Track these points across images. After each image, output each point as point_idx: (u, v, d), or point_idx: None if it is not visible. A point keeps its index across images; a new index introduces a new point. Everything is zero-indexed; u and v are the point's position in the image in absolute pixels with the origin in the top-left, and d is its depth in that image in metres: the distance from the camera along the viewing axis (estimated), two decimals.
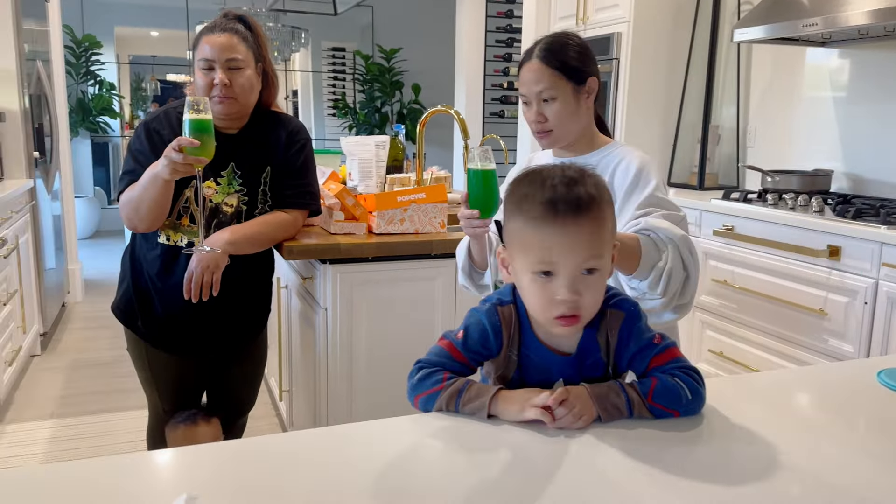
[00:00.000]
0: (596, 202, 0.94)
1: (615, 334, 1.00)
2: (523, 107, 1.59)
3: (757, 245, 2.86)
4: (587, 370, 1.01)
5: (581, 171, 0.98)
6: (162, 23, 8.92)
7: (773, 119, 3.59)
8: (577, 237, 0.92)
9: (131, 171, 1.86)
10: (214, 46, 1.80)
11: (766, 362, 2.85)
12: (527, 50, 1.56)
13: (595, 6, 3.93)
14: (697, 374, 0.98)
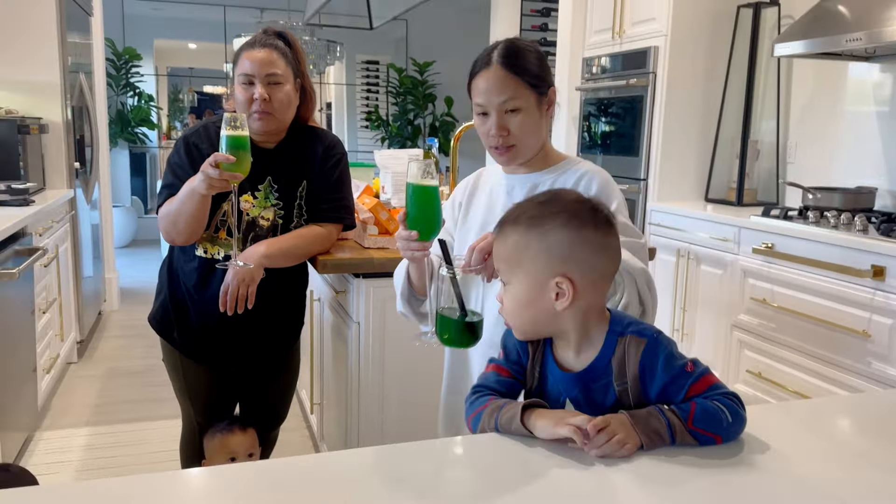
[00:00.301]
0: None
1: (635, 361, 0.97)
2: (478, 119, 1.42)
3: (797, 264, 2.80)
4: (594, 392, 0.99)
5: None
6: (200, 36, 9.08)
7: (815, 134, 3.52)
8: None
9: (170, 184, 1.88)
10: (254, 62, 1.82)
11: (806, 384, 2.78)
12: (482, 56, 1.40)
13: (632, 20, 3.90)
14: (736, 398, 0.95)
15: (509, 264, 1.01)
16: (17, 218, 2.68)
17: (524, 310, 1.00)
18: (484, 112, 1.39)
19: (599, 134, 4.26)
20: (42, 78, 3.79)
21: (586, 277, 0.97)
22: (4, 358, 2.44)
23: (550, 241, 0.97)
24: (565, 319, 0.99)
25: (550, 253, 0.97)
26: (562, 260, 0.97)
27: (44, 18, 3.75)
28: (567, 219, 0.98)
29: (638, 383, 0.97)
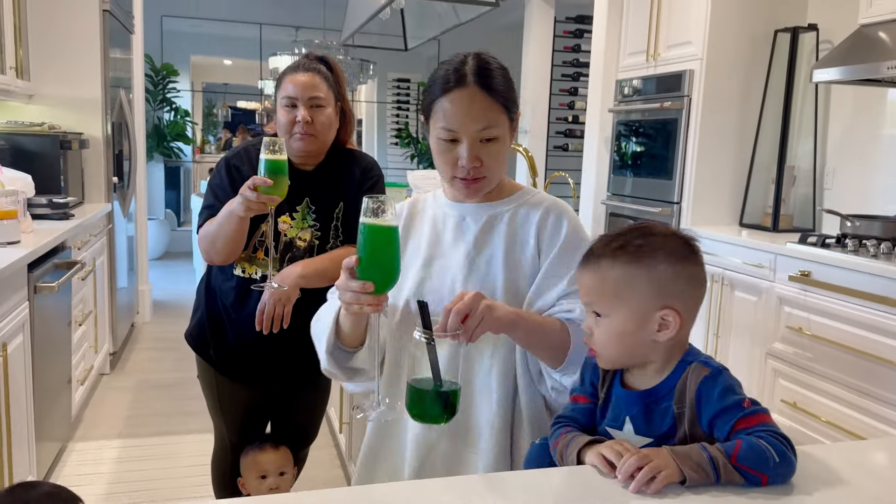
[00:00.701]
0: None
1: (694, 387, 0.97)
2: (441, 144, 1.22)
3: (835, 292, 2.75)
4: (654, 413, 0.99)
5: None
6: (235, 53, 9.24)
7: (853, 161, 3.47)
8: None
9: (210, 205, 1.92)
10: (298, 85, 1.85)
11: (842, 415, 2.72)
12: (450, 72, 1.22)
13: (666, 43, 3.89)
14: (786, 440, 0.92)
15: (608, 298, 1.01)
16: (58, 232, 2.73)
17: (621, 341, 1.01)
18: (454, 139, 1.20)
19: (630, 155, 4.24)
20: (84, 94, 3.88)
21: (688, 309, 1.00)
22: (42, 369, 2.49)
23: (657, 275, 0.99)
24: (658, 349, 1.01)
25: (657, 286, 0.99)
26: (668, 293, 0.99)
27: (88, 36, 3.85)
28: (670, 252, 1.00)
29: (693, 409, 0.97)
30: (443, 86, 1.21)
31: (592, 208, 4.70)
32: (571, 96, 6.80)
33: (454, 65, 1.23)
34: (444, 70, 1.23)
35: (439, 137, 1.22)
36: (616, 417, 1.03)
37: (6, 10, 3.26)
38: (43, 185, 3.23)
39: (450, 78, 1.21)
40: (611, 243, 1.03)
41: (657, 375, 1.02)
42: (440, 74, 1.24)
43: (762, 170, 3.73)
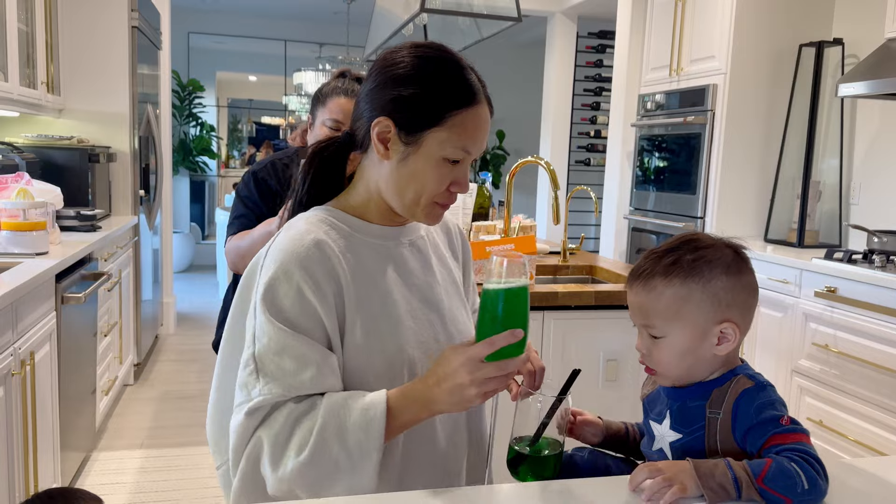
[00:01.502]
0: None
1: (734, 396, 0.96)
2: (445, 165, 1.03)
3: (862, 309, 2.71)
4: (689, 409, 0.99)
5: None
6: (260, 69, 9.36)
7: (880, 176, 3.42)
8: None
9: (242, 215, 1.95)
10: (348, 111, 1.84)
11: (869, 434, 2.67)
12: (474, 80, 1.04)
13: (690, 57, 3.88)
14: (819, 466, 0.89)
15: (666, 318, 0.98)
16: (85, 244, 2.78)
17: (683, 359, 0.99)
18: (458, 160, 1.03)
19: (653, 170, 4.23)
20: (113, 109, 3.95)
21: (745, 319, 1.00)
22: (68, 379, 2.52)
23: (715, 289, 0.97)
24: (718, 362, 1.00)
25: (715, 300, 0.97)
26: (726, 306, 0.97)
27: (116, 52, 3.92)
28: (725, 265, 0.98)
29: (729, 418, 0.95)
30: (467, 96, 1.02)
31: (615, 223, 4.68)
32: (593, 111, 6.80)
33: (467, 70, 1.04)
34: (465, 74, 1.03)
35: (447, 157, 1.02)
36: (660, 412, 1.04)
37: (39, 26, 3.34)
38: (71, 198, 3.28)
39: (475, 88, 1.03)
40: (661, 259, 0.99)
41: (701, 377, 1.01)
42: (461, 77, 1.02)
43: (787, 185, 3.70)
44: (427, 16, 3.66)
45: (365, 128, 1.06)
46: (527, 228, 2.86)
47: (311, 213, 1.08)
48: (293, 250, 1.00)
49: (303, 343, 0.97)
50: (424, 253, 1.15)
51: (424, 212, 1.07)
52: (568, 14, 5.66)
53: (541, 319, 2.16)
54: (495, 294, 0.95)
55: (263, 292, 0.98)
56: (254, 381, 0.96)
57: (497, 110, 4.30)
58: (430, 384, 0.97)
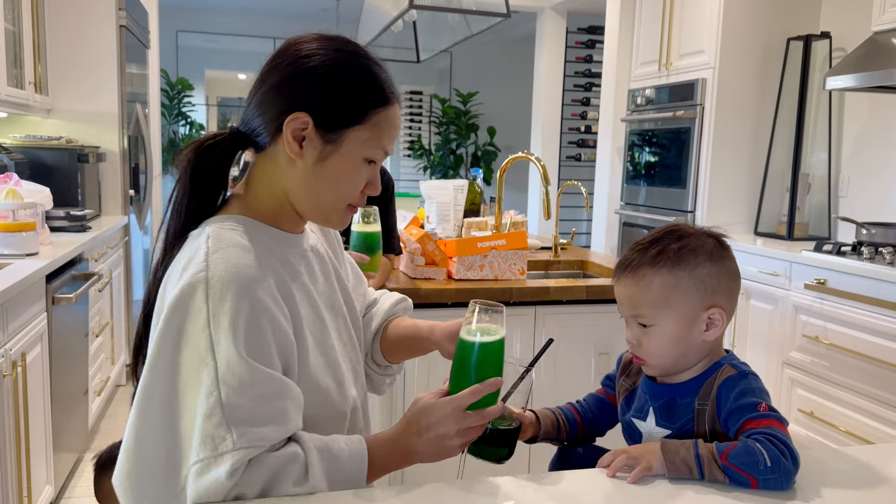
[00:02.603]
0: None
1: (717, 385, 0.99)
2: (365, 165, 0.98)
3: (852, 300, 2.73)
4: (678, 406, 1.01)
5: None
6: (250, 67, 9.29)
7: (868, 168, 3.45)
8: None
9: None
10: None
11: (859, 424, 2.69)
12: (391, 83, 0.99)
13: (679, 52, 3.89)
14: (784, 447, 0.90)
15: (655, 307, 1.00)
16: (76, 244, 2.76)
17: (674, 347, 1.01)
18: (376, 160, 0.99)
19: (644, 165, 4.24)
20: (101, 108, 3.93)
21: (730, 304, 1.02)
22: (60, 380, 2.51)
23: (701, 276, 1.00)
24: (703, 350, 1.02)
25: (702, 287, 1.00)
26: (712, 292, 1.00)
27: (105, 51, 3.90)
28: (708, 252, 1.00)
29: (714, 406, 0.98)
30: (387, 94, 0.98)
31: (606, 217, 4.69)
32: (584, 106, 6.81)
33: (384, 68, 0.99)
34: (383, 71, 0.99)
35: (368, 157, 0.97)
36: (641, 408, 1.05)
37: (25, 26, 3.31)
38: (61, 198, 3.26)
39: (393, 87, 0.99)
40: (647, 250, 1.01)
41: (689, 373, 1.03)
42: (382, 75, 0.98)
43: (776, 178, 3.72)
44: (416, 12, 3.66)
45: (271, 124, 0.95)
46: (518, 224, 2.87)
47: (228, 225, 0.94)
48: (245, 273, 0.88)
49: (276, 382, 0.87)
50: (322, 256, 1.09)
51: (339, 216, 1.01)
52: (557, 9, 5.67)
53: (532, 314, 2.17)
54: (473, 346, 0.97)
55: (230, 326, 0.84)
56: (223, 432, 0.82)
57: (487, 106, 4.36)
58: (412, 433, 0.95)
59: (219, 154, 0.98)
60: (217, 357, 0.84)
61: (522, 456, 2.04)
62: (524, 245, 2.25)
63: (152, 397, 0.87)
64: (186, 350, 0.85)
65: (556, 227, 2.80)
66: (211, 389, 0.83)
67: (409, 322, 1.25)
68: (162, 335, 0.86)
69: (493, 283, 2.16)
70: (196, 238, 0.94)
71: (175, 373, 0.86)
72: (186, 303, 0.86)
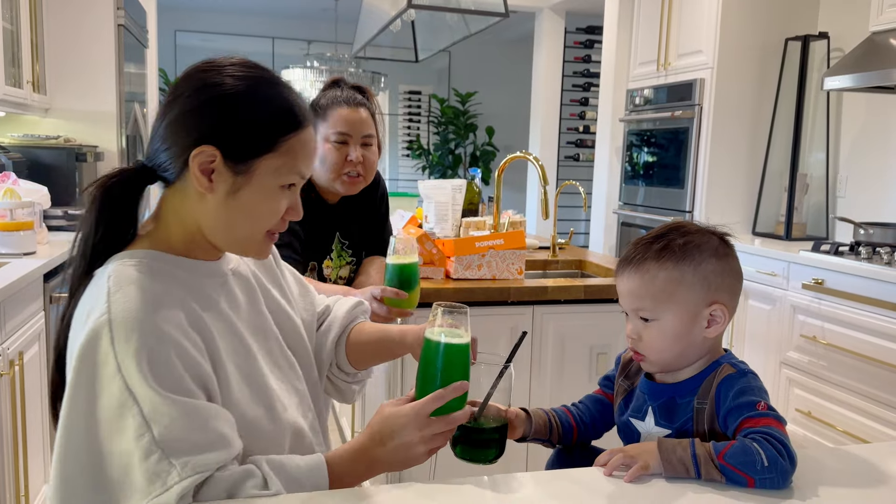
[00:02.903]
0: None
1: (716, 384, 0.99)
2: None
3: (849, 300, 2.73)
4: (678, 406, 1.01)
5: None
6: None
7: (866, 168, 3.45)
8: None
9: (286, 243, 1.71)
10: (354, 122, 1.75)
11: (857, 424, 2.69)
12: (302, 106, 0.98)
13: (677, 52, 3.89)
14: (782, 446, 0.90)
15: (659, 301, 1.01)
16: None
17: (675, 343, 1.01)
18: (293, 184, 0.98)
19: (642, 165, 4.24)
20: (99, 108, 3.93)
21: (732, 302, 1.03)
22: None
23: (705, 272, 1.00)
24: (703, 348, 1.02)
25: (706, 283, 1.00)
26: (716, 289, 1.00)
27: (103, 51, 3.90)
28: (713, 249, 1.01)
29: (713, 405, 0.99)
30: (298, 118, 0.98)
31: (604, 217, 4.70)
32: (582, 106, 6.82)
33: (294, 91, 1.00)
34: (293, 95, 0.99)
35: (283, 184, 0.96)
36: (639, 409, 1.05)
37: (23, 25, 3.31)
38: (58, 197, 3.26)
39: (304, 110, 0.99)
40: (652, 245, 1.02)
41: (688, 372, 1.03)
42: (292, 99, 0.98)
43: (774, 178, 3.72)
44: (414, 12, 3.66)
45: (177, 158, 0.92)
46: (516, 224, 2.87)
47: (130, 262, 0.90)
48: (146, 310, 0.85)
49: (204, 409, 0.85)
50: (245, 277, 1.05)
51: (258, 247, 0.98)
52: (556, 9, 5.67)
53: (531, 314, 2.17)
54: (437, 347, 0.95)
55: (139, 366, 0.81)
56: (167, 466, 0.80)
57: (486, 106, 4.35)
58: (375, 443, 0.94)
59: (126, 190, 0.94)
60: (138, 400, 0.81)
61: (519, 455, 2.04)
62: (522, 245, 2.25)
63: (71, 449, 0.83)
64: (103, 397, 0.82)
65: (554, 227, 2.80)
66: (141, 431, 0.80)
67: (376, 327, 1.24)
68: (74, 387, 0.83)
69: (490, 283, 2.16)
70: (99, 278, 0.90)
71: (93, 422, 0.82)
72: (94, 350, 0.83)
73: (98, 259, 0.93)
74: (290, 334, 1.11)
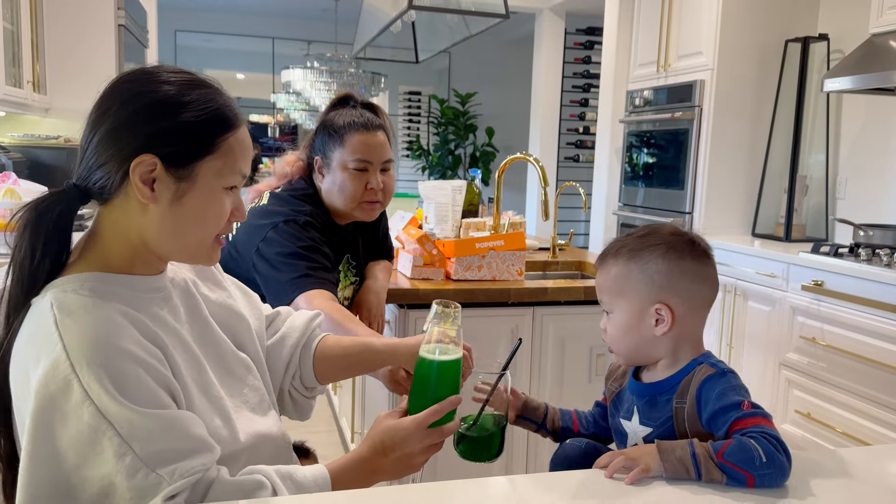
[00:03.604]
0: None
1: (696, 385, 1.01)
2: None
3: (849, 302, 2.73)
4: (658, 403, 1.04)
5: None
6: (248, 66, 9.32)
7: (866, 170, 3.45)
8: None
9: (320, 266, 1.59)
10: (374, 148, 1.68)
11: (857, 426, 2.69)
12: (234, 105, 0.98)
13: (677, 53, 3.90)
14: (778, 442, 0.92)
15: (612, 294, 1.07)
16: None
17: (626, 336, 1.07)
18: (235, 185, 0.97)
19: (642, 166, 4.24)
20: None
21: (685, 304, 1.04)
22: None
23: (651, 272, 1.04)
24: (662, 345, 1.05)
25: (651, 282, 1.04)
26: (661, 288, 1.04)
27: (103, 51, 3.90)
28: (665, 250, 1.04)
29: (694, 406, 1.00)
30: (232, 117, 0.98)
31: (604, 218, 4.70)
32: (582, 107, 6.82)
33: (223, 91, 0.99)
34: (224, 95, 0.98)
35: (226, 185, 0.95)
36: (629, 409, 1.08)
37: (24, 25, 3.31)
38: None
39: (236, 108, 1.00)
40: (616, 243, 1.08)
41: (667, 371, 1.06)
42: (224, 99, 0.97)
43: (774, 179, 3.72)
44: (415, 13, 3.66)
45: (115, 172, 0.89)
46: (516, 225, 2.87)
47: (70, 287, 0.88)
48: (101, 331, 0.83)
49: (180, 418, 0.85)
50: (183, 287, 1.02)
51: (207, 252, 0.97)
52: (556, 10, 5.67)
53: (531, 315, 2.17)
54: (431, 365, 1.02)
55: (107, 388, 0.80)
56: (155, 479, 0.80)
57: (486, 107, 4.35)
58: (377, 454, 0.98)
59: (59, 212, 0.91)
60: (112, 421, 0.79)
61: (520, 456, 2.04)
62: (522, 246, 2.26)
63: (36, 484, 0.81)
64: (69, 428, 0.80)
65: (554, 228, 2.80)
66: (122, 451, 0.79)
67: (352, 340, 1.23)
68: (36, 423, 0.80)
69: (491, 284, 2.16)
70: (39, 308, 0.87)
71: (62, 454, 0.80)
72: (53, 382, 0.80)
73: (35, 286, 0.89)
74: (240, 333, 1.09)
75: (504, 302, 2.15)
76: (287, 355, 1.18)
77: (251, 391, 1.05)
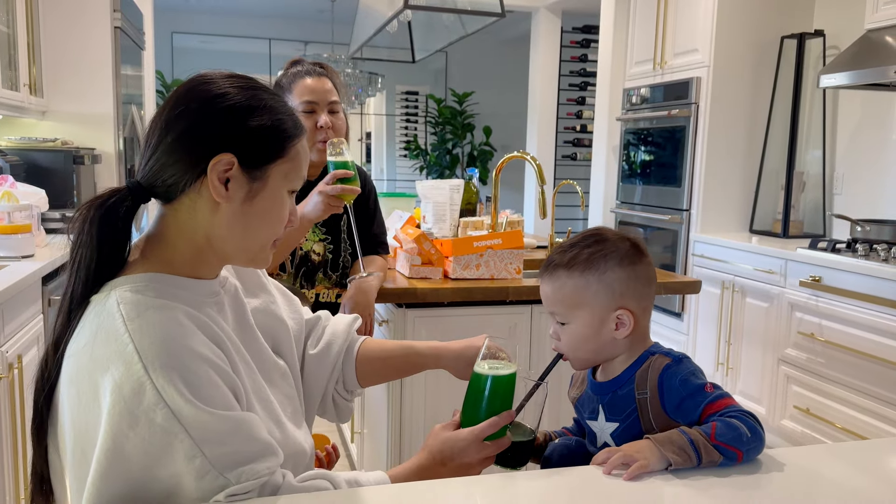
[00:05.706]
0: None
1: (655, 375, 1.03)
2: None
3: (847, 297, 2.74)
4: (620, 398, 1.06)
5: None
6: (245, 68, 9.26)
7: (863, 165, 3.46)
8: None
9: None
10: (318, 89, 1.84)
11: (856, 421, 2.70)
12: (298, 122, 0.99)
13: (673, 51, 3.90)
14: (753, 416, 0.98)
15: (569, 306, 1.07)
16: None
17: (586, 343, 1.07)
18: (294, 191, 1.00)
19: (639, 164, 4.25)
20: (96, 110, 3.92)
21: (640, 305, 1.07)
22: None
23: (609, 280, 1.05)
24: (621, 345, 1.07)
25: (611, 290, 1.05)
26: (620, 295, 1.06)
27: (99, 53, 3.90)
28: (620, 257, 1.06)
29: (657, 395, 1.03)
30: (298, 124, 1.02)
31: (602, 216, 4.71)
32: (579, 105, 6.82)
33: (287, 102, 1.04)
34: (288, 106, 1.02)
35: (291, 189, 0.99)
36: (593, 410, 1.10)
37: (20, 28, 3.31)
38: (56, 200, 3.26)
39: (298, 119, 1.02)
40: (565, 253, 1.08)
41: (622, 366, 1.08)
42: (289, 108, 1.01)
43: (771, 176, 3.73)
44: (411, 12, 3.66)
45: (190, 171, 0.90)
46: (514, 223, 2.87)
47: (135, 287, 0.88)
48: (172, 332, 0.84)
49: (248, 421, 0.85)
50: (232, 292, 1.03)
51: (266, 255, 0.98)
52: (552, 9, 5.68)
53: (528, 313, 2.18)
54: (486, 380, 1.07)
55: (181, 390, 0.80)
56: (222, 482, 0.81)
57: (483, 106, 4.36)
58: (436, 463, 1.04)
59: (123, 210, 0.92)
60: (185, 423, 0.80)
61: None
62: (520, 244, 2.26)
63: (109, 484, 0.81)
64: (142, 429, 0.80)
65: (552, 227, 2.81)
66: (193, 454, 0.80)
67: (394, 343, 1.27)
68: (111, 425, 0.80)
69: (489, 283, 2.16)
70: (101, 306, 0.86)
71: (130, 457, 0.80)
72: (129, 386, 0.80)
73: (98, 284, 0.89)
74: (280, 340, 1.10)
75: (502, 300, 2.15)
76: (332, 362, 1.20)
77: (286, 400, 1.06)
